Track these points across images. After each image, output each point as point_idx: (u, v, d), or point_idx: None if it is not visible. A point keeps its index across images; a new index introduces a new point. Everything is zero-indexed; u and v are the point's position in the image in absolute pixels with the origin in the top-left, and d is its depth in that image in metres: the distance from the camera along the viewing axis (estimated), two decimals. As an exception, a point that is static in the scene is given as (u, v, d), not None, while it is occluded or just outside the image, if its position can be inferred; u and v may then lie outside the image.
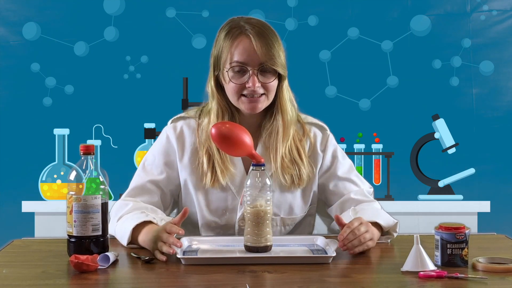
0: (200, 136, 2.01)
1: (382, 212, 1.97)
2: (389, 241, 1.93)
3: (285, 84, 2.00)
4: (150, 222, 1.85)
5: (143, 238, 1.81)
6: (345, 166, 2.10)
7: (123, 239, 1.85)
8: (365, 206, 2.00)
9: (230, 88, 1.95)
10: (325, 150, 2.07)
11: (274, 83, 1.95)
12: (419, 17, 3.78)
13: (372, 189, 2.13)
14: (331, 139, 2.10)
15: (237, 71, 1.93)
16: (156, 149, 2.07)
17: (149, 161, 2.06)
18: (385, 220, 1.92)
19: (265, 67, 1.93)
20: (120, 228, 1.89)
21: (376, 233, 1.84)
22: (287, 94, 2.01)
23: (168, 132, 2.06)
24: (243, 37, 1.94)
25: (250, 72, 1.92)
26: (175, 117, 2.09)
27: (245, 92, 1.93)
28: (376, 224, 1.87)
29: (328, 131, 2.10)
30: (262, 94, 1.94)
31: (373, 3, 3.78)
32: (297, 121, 2.06)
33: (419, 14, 3.78)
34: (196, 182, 2.01)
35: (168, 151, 2.04)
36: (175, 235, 1.72)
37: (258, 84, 1.92)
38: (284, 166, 1.99)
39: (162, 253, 1.70)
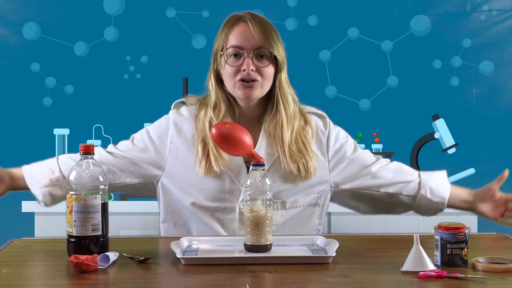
0: (196, 125, 2.04)
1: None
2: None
3: (284, 76, 2.02)
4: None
5: None
6: (351, 145, 2.14)
7: None
8: (427, 181, 2.16)
9: (226, 73, 1.99)
10: (328, 138, 2.10)
11: (269, 70, 1.98)
12: (419, 17, 3.78)
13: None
14: (332, 125, 2.13)
15: (233, 54, 1.97)
16: (153, 129, 2.11)
17: (138, 135, 2.13)
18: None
19: (261, 52, 1.96)
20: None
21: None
22: (287, 88, 2.03)
23: (170, 116, 2.09)
24: (241, 22, 2.00)
25: (245, 55, 1.95)
26: (177, 101, 2.13)
27: (240, 77, 1.96)
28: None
29: (327, 118, 2.14)
30: (257, 80, 1.96)
31: (373, 3, 3.78)
32: (300, 114, 2.08)
33: (419, 14, 3.77)
34: (192, 166, 2.02)
35: (162, 136, 2.07)
36: None
37: (252, 67, 1.95)
38: (292, 154, 2.01)
39: None
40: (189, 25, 3.76)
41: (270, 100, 2.04)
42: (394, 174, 2.14)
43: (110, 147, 2.15)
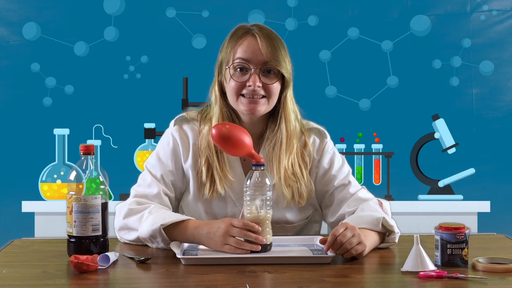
0: (200, 144, 1.97)
1: (376, 213, 1.89)
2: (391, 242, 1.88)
3: (290, 93, 1.96)
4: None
5: (193, 232, 1.78)
6: (342, 174, 2.04)
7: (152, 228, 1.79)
8: (360, 213, 1.93)
9: (230, 87, 1.92)
10: (321, 157, 2.02)
11: (276, 86, 1.91)
12: (419, 17, 3.78)
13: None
14: (328, 146, 2.04)
15: (239, 69, 1.90)
16: (163, 151, 2.01)
17: (158, 168, 1.98)
18: (371, 223, 1.84)
19: (268, 68, 1.90)
20: (150, 222, 1.82)
21: (368, 236, 1.78)
22: (291, 104, 1.97)
23: (174, 134, 2.00)
24: (249, 36, 1.92)
25: (252, 70, 1.89)
26: (178, 118, 2.04)
27: (244, 92, 1.90)
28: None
29: (327, 139, 2.05)
30: (262, 97, 1.91)
31: (373, 3, 3.78)
32: (300, 134, 2.01)
33: (419, 14, 3.78)
34: (195, 191, 1.98)
35: (176, 152, 1.99)
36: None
37: (259, 84, 1.88)
38: (286, 178, 1.95)
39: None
40: (189, 25, 3.76)
41: (272, 116, 1.98)
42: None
43: (155, 195, 1.96)
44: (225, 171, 1.94)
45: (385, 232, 1.86)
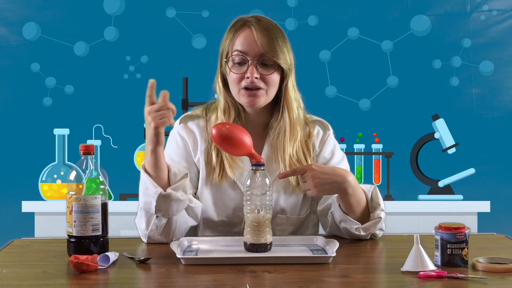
0: (208, 133, 2.01)
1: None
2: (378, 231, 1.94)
3: (290, 82, 1.99)
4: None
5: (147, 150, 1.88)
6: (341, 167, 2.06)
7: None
8: None
9: (231, 80, 1.96)
10: (322, 147, 2.06)
11: (274, 77, 1.94)
12: (419, 17, 3.78)
13: None
14: (331, 138, 2.09)
15: (237, 61, 1.94)
16: (173, 150, 2.04)
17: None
18: (364, 185, 2.01)
19: (265, 59, 1.92)
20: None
21: (358, 185, 1.93)
22: (293, 93, 2.00)
23: (180, 131, 2.04)
24: (246, 28, 1.95)
25: (250, 62, 1.92)
26: (183, 117, 2.07)
27: (243, 84, 1.93)
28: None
29: (330, 131, 2.10)
30: (261, 88, 1.93)
31: (373, 3, 3.78)
32: (304, 123, 2.04)
33: (419, 14, 3.78)
34: (205, 178, 2.00)
35: (186, 148, 2.02)
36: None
37: (256, 75, 1.91)
38: (291, 165, 1.98)
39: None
40: (189, 25, 3.76)
41: (276, 105, 2.01)
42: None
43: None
44: (234, 157, 1.97)
45: (368, 212, 1.96)
